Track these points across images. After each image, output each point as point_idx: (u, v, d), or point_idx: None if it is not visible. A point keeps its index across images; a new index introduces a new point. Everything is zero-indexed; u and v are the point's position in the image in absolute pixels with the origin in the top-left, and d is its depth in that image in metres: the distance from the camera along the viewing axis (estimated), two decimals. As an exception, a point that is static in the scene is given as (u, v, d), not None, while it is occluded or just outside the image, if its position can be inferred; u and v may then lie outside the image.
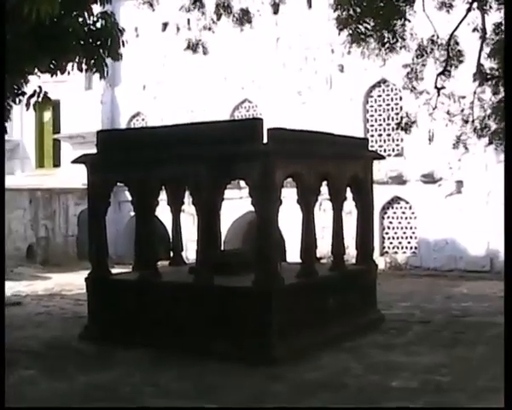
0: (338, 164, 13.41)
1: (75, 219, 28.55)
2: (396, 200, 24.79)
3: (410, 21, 15.80)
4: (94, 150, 13.80)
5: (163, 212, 15.31)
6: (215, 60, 25.66)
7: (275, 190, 11.43)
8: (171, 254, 15.75)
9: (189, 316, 12.08)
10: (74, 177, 27.56)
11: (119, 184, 13.98)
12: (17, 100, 12.38)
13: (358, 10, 15.15)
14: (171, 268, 15.07)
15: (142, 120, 30.56)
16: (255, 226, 11.75)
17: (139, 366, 11.06)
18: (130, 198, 13.49)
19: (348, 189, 14.08)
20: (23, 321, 15.31)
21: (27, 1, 8.01)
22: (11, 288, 20.08)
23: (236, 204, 23.54)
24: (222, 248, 16.56)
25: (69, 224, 28.64)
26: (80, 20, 10.81)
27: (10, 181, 31.45)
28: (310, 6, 26.19)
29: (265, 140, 11.45)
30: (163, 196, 14.03)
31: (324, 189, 13.29)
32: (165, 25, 28.71)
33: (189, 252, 16.96)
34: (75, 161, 13.76)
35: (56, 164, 32.46)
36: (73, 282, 20.75)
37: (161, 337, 12.28)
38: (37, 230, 27.54)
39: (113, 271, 14.51)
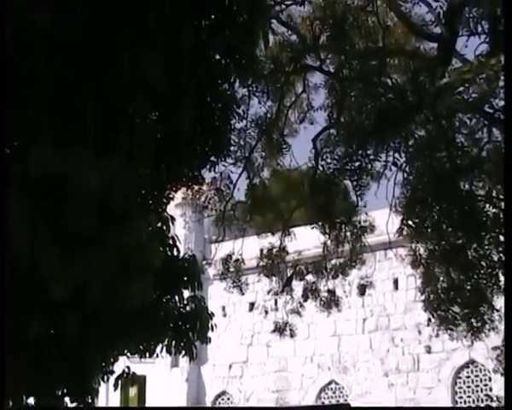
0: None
1: None
2: None
3: (498, 311, 15.68)
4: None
5: None
6: (301, 340, 25.76)
7: None
8: None
9: None
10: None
11: None
12: (105, 378, 12.46)
13: (445, 297, 15.18)
14: None
15: (228, 399, 30.38)
16: None
17: None
18: None
19: None
20: None
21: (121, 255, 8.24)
22: None
23: None
24: None
25: None
26: (171, 304, 11.04)
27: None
28: (396, 288, 26.40)
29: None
30: None
31: None
32: (252, 304, 29.07)
33: None
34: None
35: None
36: None
37: None
38: None
39: None
